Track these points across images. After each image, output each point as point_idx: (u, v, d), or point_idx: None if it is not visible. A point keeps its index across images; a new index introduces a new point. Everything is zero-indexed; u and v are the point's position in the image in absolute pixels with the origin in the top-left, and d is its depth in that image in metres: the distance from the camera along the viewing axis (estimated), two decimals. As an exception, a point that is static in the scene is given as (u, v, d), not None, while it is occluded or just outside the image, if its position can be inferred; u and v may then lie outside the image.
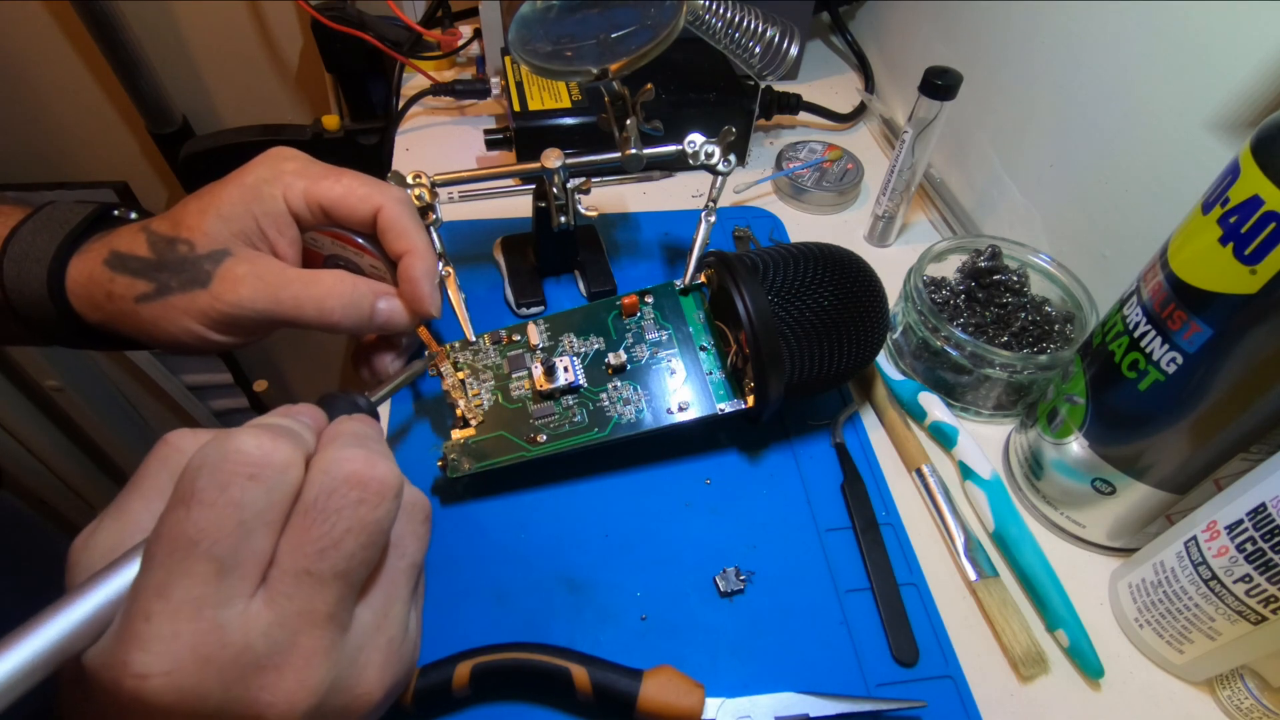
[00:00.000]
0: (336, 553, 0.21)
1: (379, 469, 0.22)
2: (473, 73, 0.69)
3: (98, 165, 0.92)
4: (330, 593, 0.21)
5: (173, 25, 0.81)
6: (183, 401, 1.14)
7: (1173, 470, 0.34)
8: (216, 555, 0.20)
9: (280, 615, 0.20)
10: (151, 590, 0.19)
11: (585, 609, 0.36)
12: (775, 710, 0.32)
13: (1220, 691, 0.34)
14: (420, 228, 0.37)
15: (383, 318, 0.37)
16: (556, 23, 0.40)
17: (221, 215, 0.34)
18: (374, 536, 0.22)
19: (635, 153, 0.43)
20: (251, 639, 0.20)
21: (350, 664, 0.22)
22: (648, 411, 0.39)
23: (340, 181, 0.36)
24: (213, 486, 0.20)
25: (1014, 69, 0.51)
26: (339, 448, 0.23)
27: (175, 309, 0.34)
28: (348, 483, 0.22)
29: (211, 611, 0.20)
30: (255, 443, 0.21)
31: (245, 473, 0.20)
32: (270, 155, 0.36)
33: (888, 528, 0.40)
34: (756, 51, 0.45)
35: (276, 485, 0.21)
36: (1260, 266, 0.26)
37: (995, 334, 0.45)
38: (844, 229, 0.59)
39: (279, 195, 0.35)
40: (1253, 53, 0.34)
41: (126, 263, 0.34)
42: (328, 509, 0.21)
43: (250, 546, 0.20)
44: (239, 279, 0.34)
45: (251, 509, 0.20)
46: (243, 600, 0.20)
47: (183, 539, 0.19)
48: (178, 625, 0.19)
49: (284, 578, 0.21)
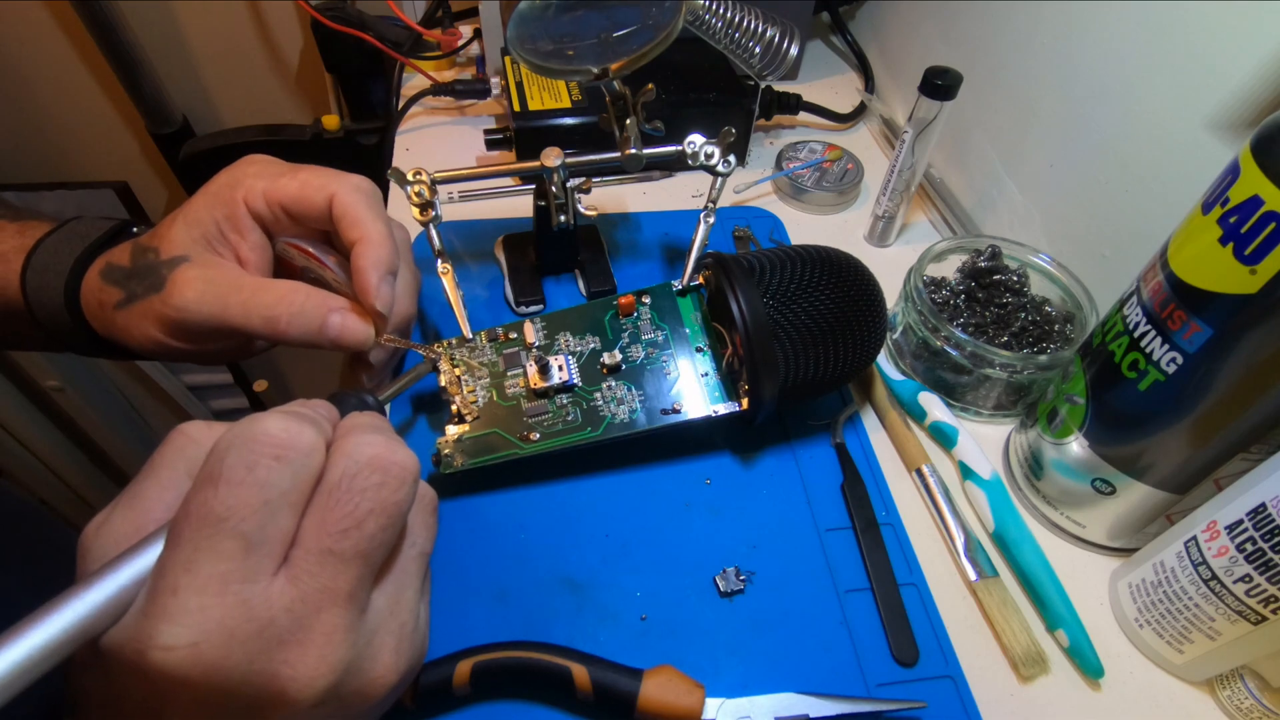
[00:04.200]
0: (359, 533, 0.22)
1: (399, 454, 0.23)
2: (473, 73, 0.69)
3: (98, 165, 0.92)
4: (351, 572, 0.22)
5: (173, 25, 0.81)
6: (183, 401, 1.14)
7: (1173, 470, 0.34)
8: (243, 532, 0.20)
9: (303, 592, 0.21)
10: (179, 565, 0.20)
11: (585, 609, 0.36)
12: (775, 710, 0.32)
13: (1220, 691, 0.34)
14: (377, 217, 0.35)
15: (334, 331, 0.34)
16: (555, 21, 0.40)
17: (187, 222, 0.34)
18: (394, 519, 0.23)
19: (635, 153, 0.43)
20: (275, 614, 0.21)
21: (367, 645, 0.23)
22: (642, 412, 0.39)
23: (297, 177, 0.35)
24: (241, 465, 0.21)
25: (1014, 69, 0.51)
26: (360, 433, 0.24)
27: (139, 315, 0.34)
28: (370, 465, 0.22)
29: (238, 586, 0.20)
30: (282, 425, 0.22)
31: (272, 453, 0.21)
32: (239, 161, 0.36)
33: (888, 528, 0.40)
34: (756, 51, 0.45)
35: (302, 467, 0.22)
36: (1260, 266, 0.26)
37: (995, 334, 0.45)
38: (844, 229, 0.59)
39: (239, 199, 0.34)
40: (1253, 53, 0.34)
41: (112, 272, 0.35)
42: (351, 490, 0.22)
43: (276, 525, 0.21)
44: (187, 283, 0.33)
45: (277, 488, 0.21)
46: (267, 577, 0.21)
47: (210, 516, 0.20)
48: (204, 599, 0.20)
49: (307, 556, 0.21)
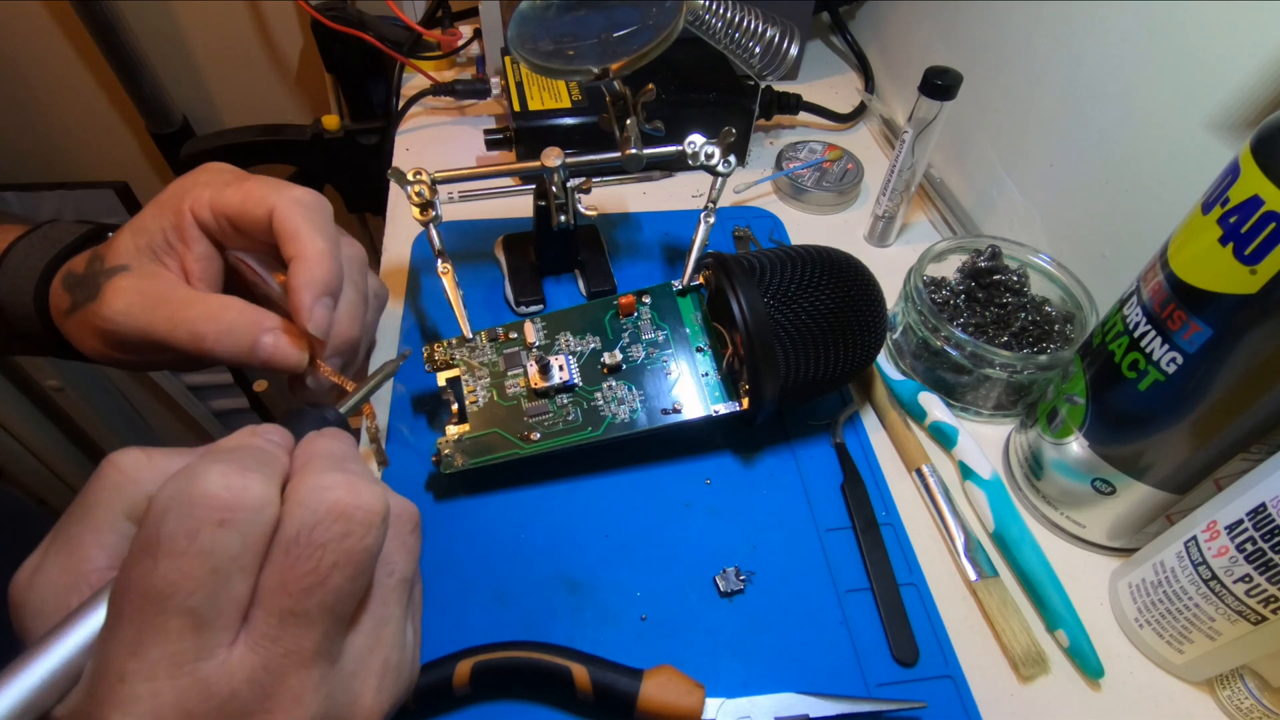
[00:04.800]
0: (323, 590, 0.20)
1: (362, 496, 0.21)
2: (473, 73, 0.69)
3: (98, 165, 0.92)
4: (317, 630, 0.20)
5: (173, 25, 0.81)
6: (183, 401, 1.14)
7: (1173, 470, 0.34)
8: (191, 608, 0.18)
9: (265, 659, 0.19)
10: (124, 649, 0.18)
11: (585, 609, 0.36)
12: (775, 711, 0.32)
13: (1220, 691, 0.34)
14: (315, 232, 0.32)
15: (265, 353, 0.32)
16: (556, 21, 0.40)
17: (134, 230, 0.33)
18: (362, 568, 0.21)
19: (635, 153, 0.43)
20: (236, 687, 0.19)
21: (344, 692, 0.21)
22: (642, 411, 0.39)
23: (241, 188, 0.33)
24: (180, 534, 0.18)
25: (1014, 69, 0.51)
26: (317, 473, 0.21)
27: (81, 323, 0.33)
28: (330, 514, 0.20)
29: (191, 666, 0.18)
30: (223, 482, 0.19)
31: (215, 518, 0.19)
32: (195, 170, 0.35)
33: (888, 528, 0.40)
34: (756, 51, 0.45)
35: (251, 526, 0.19)
36: (1260, 266, 0.26)
37: (995, 334, 0.45)
38: (844, 229, 0.59)
39: (185, 209, 0.33)
40: (1253, 53, 0.34)
41: (68, 279, 0.34)
42: (310, 544, 0.20)
43: (228, 592, 0.19)
44: (117, 293, 0.32)
45: (225, 555, 0.19)
46: (224, 649, 0.19)
47: (152, 593, 0.18)
48: (156, 684, 0.18)
49: (267, 619, 0.19)
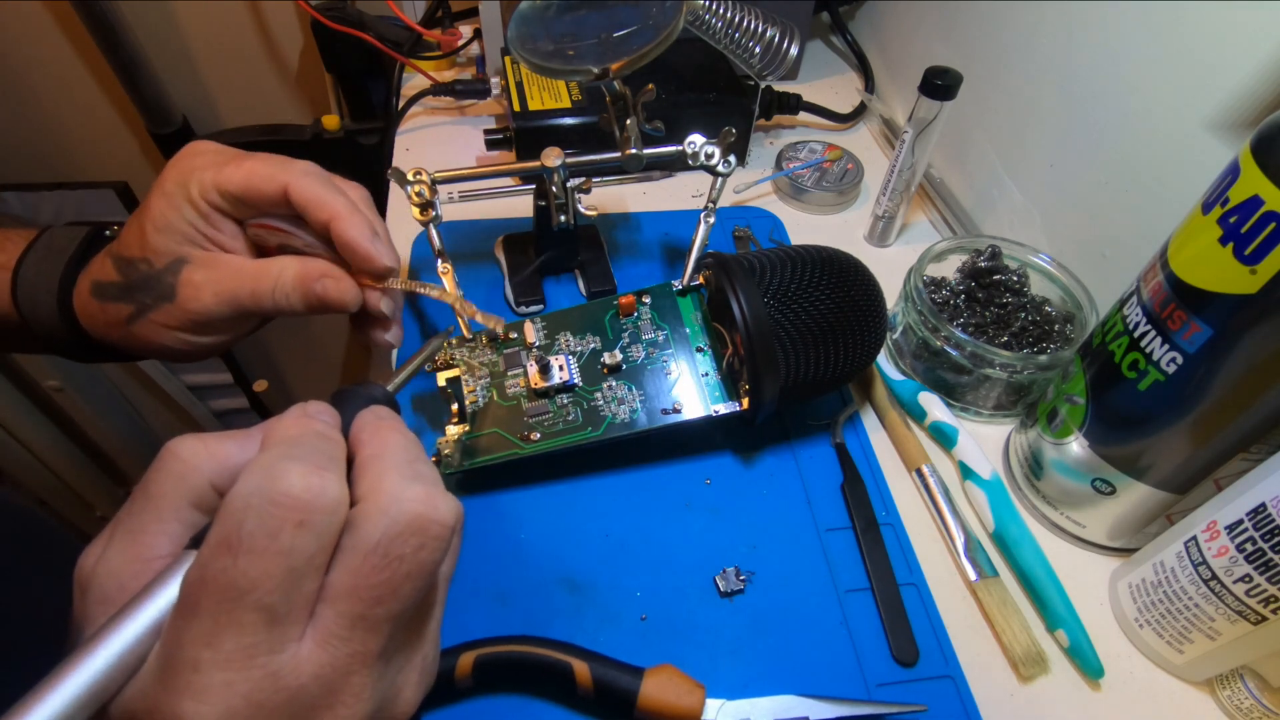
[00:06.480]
0: (394, 599, 0.21)
1: (440, 510, 0.22)
2: (473, 73, 0.69)
3: (98, 165, 0.92)
4: (383, 633, 0.21)
5: (173, 25, 0.81)
6: (183, 402, 1.14)
7: (1173, 470, 0.34)
8: (267, 604, 0.19)
9: (333, 657, 0.20)
10: (199, 640, 0.19)
11: (585, 609, 0.36)
12: (775, 713, 0.32)
13: (1220, 691, 0.34)
14: (335, 192, 0.34)
15: (321, 294, 0.35)
16: (556, 21, 0.40)
17: (158, 228, 0.34)
18: (430, 578, 0.22)
19: (635, 153, 0.43)
20: (305, 682, 0.20)
21: (390, 686, 0.22)
22: (642, 411, 0.39)
23: (242, 167, 0.34)
24: (261, 533, 0.19)
25: (1014, 69, 0.51)
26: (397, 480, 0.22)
27: (157, 325, 0.34)
28: (410, 528, 0.21)
29: (264, 659, 0.19)
30: (304, 484, 0.20)
31: (295, 519, 0.19)
32: (183, 154, 0.35)
33: (888, 528, 0.40)
34: (756, 51, 0.45)
35: (326, 528, 0.20)
36: (1260, 266, 0.26)
37: (995, 334, 0.45)
38: (844, 229, 0.59)
39: (195, 196, 0.34)
40: (1252, 53, 0.34)
41: (105, 290, 0.35)
42: (389, 555, 0.21)
43: (300, 591, 0.20)
44: (198, 286, 0.34)
45: (302, 555, 0.20)
46: (294, 643, 0.20)
47: (231, 588, 0.19)
48: (229, 674, 0.19)
49: (339, 620, 0.20)
